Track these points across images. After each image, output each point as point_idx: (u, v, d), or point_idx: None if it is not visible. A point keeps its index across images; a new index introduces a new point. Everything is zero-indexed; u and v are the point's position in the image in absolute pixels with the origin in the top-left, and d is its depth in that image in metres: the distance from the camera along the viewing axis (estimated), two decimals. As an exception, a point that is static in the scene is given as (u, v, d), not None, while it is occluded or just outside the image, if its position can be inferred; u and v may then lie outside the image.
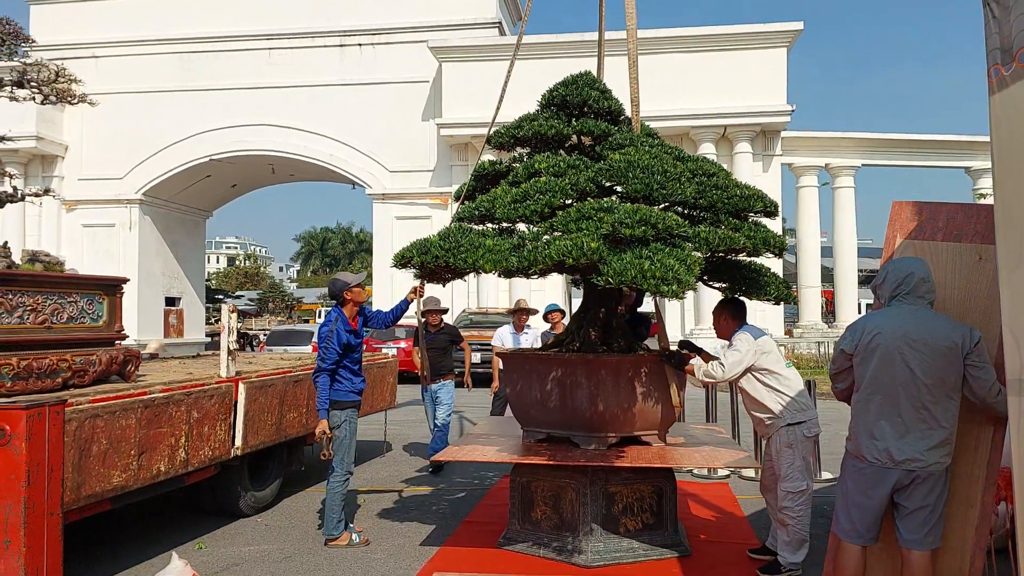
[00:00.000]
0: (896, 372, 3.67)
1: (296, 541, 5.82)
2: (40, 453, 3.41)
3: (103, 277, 5.56)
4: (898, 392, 3.68)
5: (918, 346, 3.63)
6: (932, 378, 3.63)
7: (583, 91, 5.51)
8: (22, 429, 3.34)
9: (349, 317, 5.80)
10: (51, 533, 3.38)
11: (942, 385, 3.64)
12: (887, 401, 3.70)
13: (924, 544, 3.67)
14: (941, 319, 3.75)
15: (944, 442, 3.65)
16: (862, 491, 3.78)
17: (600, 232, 4.25)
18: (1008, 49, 2.77)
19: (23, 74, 4.96)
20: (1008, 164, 2.82)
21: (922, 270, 3.79)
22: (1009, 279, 2.83)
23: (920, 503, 3.67)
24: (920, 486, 3.66)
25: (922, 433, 3.63)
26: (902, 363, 3.66)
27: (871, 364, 3.75)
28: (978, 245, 4.02)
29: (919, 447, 3.63)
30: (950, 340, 3.63)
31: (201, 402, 5.41)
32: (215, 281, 67.74)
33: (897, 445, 3.66)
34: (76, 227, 26.78)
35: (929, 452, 3.62)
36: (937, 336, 3.64)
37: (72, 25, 26.95)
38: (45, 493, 3.39)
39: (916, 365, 3.64)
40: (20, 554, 3.18)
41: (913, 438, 3.64)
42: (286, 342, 20.24)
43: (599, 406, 5.25)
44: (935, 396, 3.63)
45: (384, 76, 25.23)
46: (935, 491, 3.66)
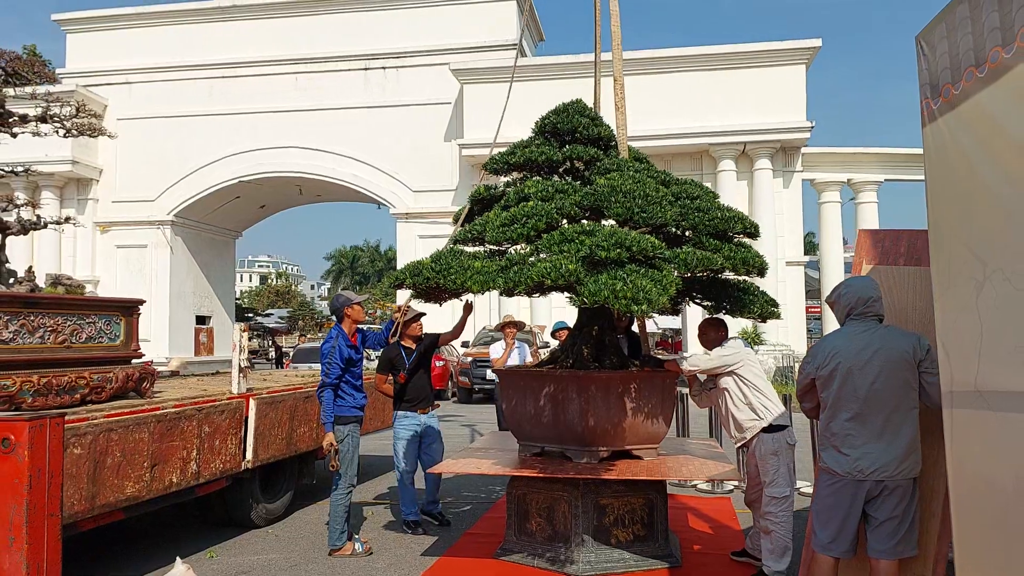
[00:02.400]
0: (857, 387, 3.85)
1: (303, 551, 6.07)
2: (41, 460, 3.74)
3: (121, 299, 5.90)
4: (861, 406, 3.85)
5: (875, 360, 3.83)
6: (891, 389, 3.81)
7: (573, 119, 5.75)
8: (25, 438, 3.66)
9: (349, 333, 6.06)
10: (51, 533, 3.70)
11: (901, 394, 3.81)
12: (852, 416, 3.87)
13: (894, 553, 3.82)
14: (893, 331, 3.96)
15: (910, 450, 3.80)
16: (837, 505, 3.91)
17: (579, 254, 4.47)
18: (935, 85, 2.98)
19: (46, 110, 5.33)
20: (938, 191, 3.01)
21: (872, 289, 4.00)
22: (941, 297, 3.02)
23: (890, 514, 3.82)
24: (890, 497, 3.81)
25: (888, 443, 3.79)
26: (861, 378, 3.84)
27: (834, 383, 3.94)
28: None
29: (886, 457, 3.79)
30: (902, 350, 3.83)
31: (212, 417, 5.71)
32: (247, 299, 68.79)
33: (866, 458, 3.82)
34: (110, 248, 27.57)
35: (897, 461, 3.78)
36: (891, 348, 3.84)
37: (106, 52, 27.87)
38: (46, 496, 3.71)
39: (875, 378, 3.82)
40: (23, 551, 3.50)
41: (880, 449, 3.80)
42: (311, 359, 20.59)
43: (590, 421, 5.45)
44: (896, 406, 3.81)
45: (407, 98, 25.76)
46: (904, 502, 3.81)
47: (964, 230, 2.86)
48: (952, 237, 2.94)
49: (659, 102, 22.35)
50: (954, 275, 2.94)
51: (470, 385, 18.96)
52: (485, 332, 20.55)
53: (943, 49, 2.90)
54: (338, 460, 5.87)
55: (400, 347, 6.70)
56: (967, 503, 2.95)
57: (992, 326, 2.69)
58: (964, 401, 2.87)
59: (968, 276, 2.82)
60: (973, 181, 2.78)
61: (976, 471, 2.87)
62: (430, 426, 6.90)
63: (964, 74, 2.77)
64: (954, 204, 2.92)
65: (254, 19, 27.16)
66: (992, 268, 2.68)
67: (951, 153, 2.90)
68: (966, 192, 2.84)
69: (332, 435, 5.84)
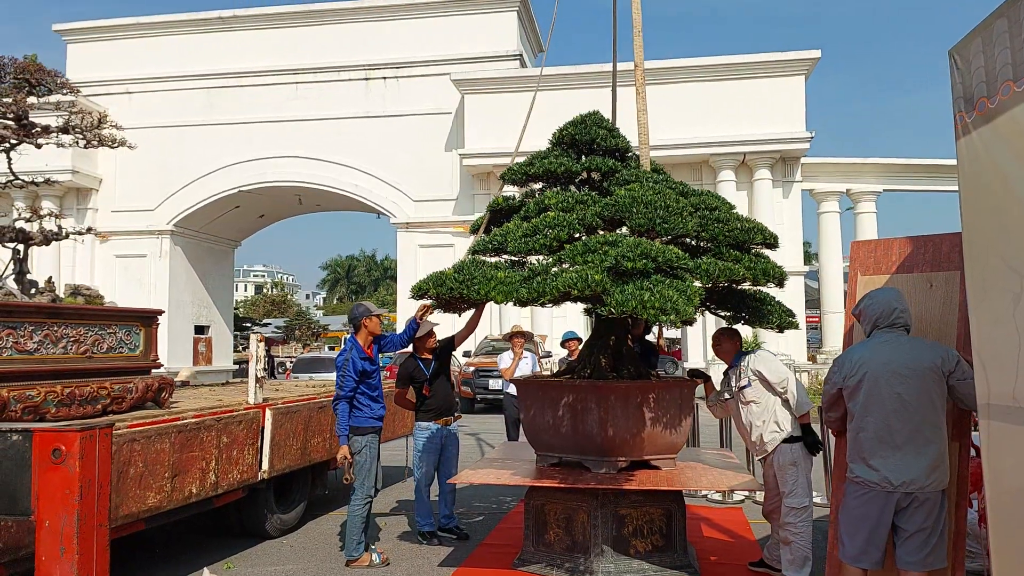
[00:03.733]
0: (885, 399, 3.87)
1: (320, 561, 6.07)
2: (91, 471, 3.74)
3: (140, 310, 5.91)
4: (889, 418, 3.86)
5: (902, 371, 3.84)
6: (919, 400, 3.82)
7: (591, 130, 5.79)
8: (76, 449, 3.67)
9: (364, 345, 6.03)
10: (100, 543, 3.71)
11: (930, 406, 3.83)
12: (880, 428, 3.88)
13: (923, 565, 3.80)
14: (920, 343, 3.99)
15: (938, 461, 3.81)
16: (864, 516, 3.91)
17: (604, 265, 4.50)
18: (969, 98, 3.01)
19: (68, 120, 5.35)
20: (973, 203, 3.05)
21: (896, 300, 4.04)
22: (976, 309, 3.05)
23: (919, 526, 3.80)
24: (919, 509, 3.80)
25: (916, 455, 3.80)
26: (889, 390, 3.86)
27: (860, 394, 3.95)
28: (928, 274, 4.28)
29: (915, 469, 3.79)
30: (931, 362, 3.84)
31: (230, 428, 5.71)
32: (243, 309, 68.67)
33: (894, 469, 3.82)
34: (109, 258, 27.51)
35: (925, 473, 3.78)
36: (919, 360, 3.86)
37: (106, 62, 27.89)
38: (95, 507, 3.72)
39: (903, 390, 3.83)
40: (73, 561, 3.50)
41: (908, 461, 3.80)
42: (312, 370, 20.58)
43: (609, 431, 5.47)
44: (924, 417, 3.82)
45: (408, 108, 25.82)
46: (933, 514, 3.80)
47: (999, 242, 2.89)
48: (987, 249, 2.97)
49: (659, 112, 22.33)
50: (989, 287, 2.97)
51: (472, 395, 18.95)
52: (487, 342, 20.56)
53: (979, 63, 2.94)
54: (353, 472, 5.85)
55: (418, 360, 6.70)
56: (1004, 516, 2.97)
57: (1030, 337, 2.72)
58: (1002, 414, 2.89)
59: (1004, 288, 2.85)
60: (1008, 194, 2.82)
61: (1013, 484, 2.89)
62: (451, 437, 6.85)
63: (1001, 88, 2.80)
64: (988, 216, 2.95)
65: (254, 29, 27.22)
66: (1030, 280, 2.72)
67: (985, 166, 2.94)
68: (1000, 205, 2.87)
69: (347, 448, 5.82)
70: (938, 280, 4.15)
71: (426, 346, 6.69)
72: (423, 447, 6.68)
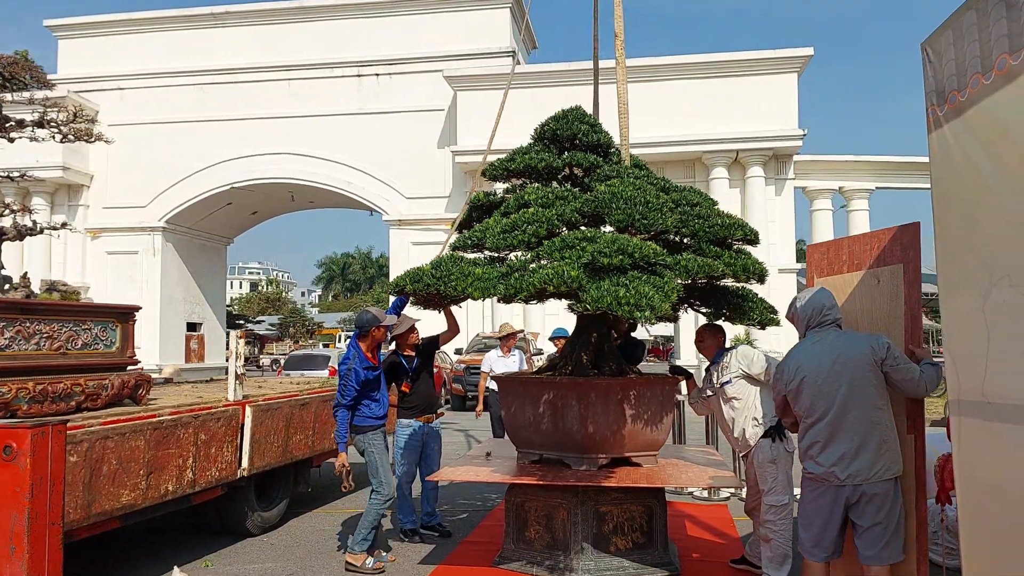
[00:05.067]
0: (824, 396, 3.91)
1: (300, 559, 6.02)
2: (43, 468, 3.69)
3: (117, 305, 5.85)
4: (830, 414, 3.90)
5: (836, 367, 3.89)
6: (856, 393, 3.85)
7: (573, 125, 5.75)
8: (27, 446, 3.62)
9: (366, 350, 5.89)
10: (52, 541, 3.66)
11: (867, 397, 3.85)
12: (823, 425, 3.92)
13: (881, 560, 3.83)
14: (849, 336, 4.04)
15: (882, 451, 3.81)
16: (817, 510, 3.98)
17: (581, 261, 4.46)
18: (941, 92, 2.98)
19: (43, 115, 5.29)
20: (944, 198, 3.02)
21: (824, 298, 4.11)
22: (947, 305, 3.02)
23: (872, 520, 3.83)
24: (870, 504, 3.82)
25: (859, 447, 3.82)
26: (826, 387, 3.90)
27: (802, 396, 4.01)
28: (875, 270, 4.31)
29: (859, 461, 3.81)
30: (860, 353, 3.87)
31: (208, 424, 5.66)
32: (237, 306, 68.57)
33: (840, 463, 3.85)
34: (100, 255, 27.43)
35: (869, 464, 3.80)
36: (849, 353, 3.90)
37: (98, 58, 27.79)
38: (47, 505, 3.67)
39: (840, 385, 3.87)
40: (24, 560, 3.45)
41: (852, 454, 3.83)
42: (304, 367, 20.48)
43: (590, 428, 5.43)
44: (864, 409, 3.84)
45: (400, 105, 25.78)
46: (884, 508, 3.82)
47: (970, 237, 2.86)
48: (958, 244, 2.94)
49: (652, 109, 22.42)
50: (960, 283, 2.94)
51: (464, 392, 18.91)
52: (479, 339, 20.51)
53: (950, 56, 2.91)
54: (351, 481, 5.71)
55: (400, 356, 6.64)
56: (975, 512, 2.95)
57: (999, 333, 2.69)
58: (972, 410, 2.86)
59: (974, 283, 2.82)
60: (979, 187, 2.79)
61: (984, 479, 2.86)
62: (433, 434, 6.81)
63: (970, 81, 2.77)
64: (960, 210, 2.92)
65: (247, 25, 27.14)
66: (999, 275, 2.69)
67: (957, 159, 2.91)
68: (972, 198, 2.84)
69: (344, 456, 5.66)
70: (884, 275, 4.20)
71: (408, 342, 6.63)
72: (405, 444, 6.62)
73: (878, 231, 4.38)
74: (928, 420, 14.55)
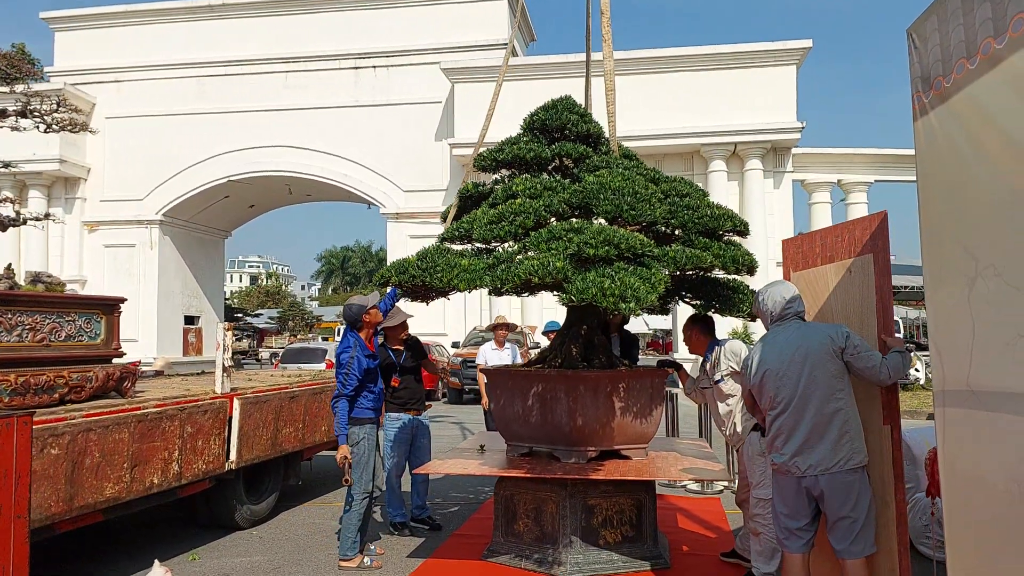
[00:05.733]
0: (785, 387, 3.89)
1: (287, 553, 5.99)
2: (7, 462, 3.64)
3: (101, 297, 5.80)
4: (790, 405, 3.88)
5: (796, 358, 3.86)
6: (816, 383, 3.81)
7: (562, 115, 5.69)
8: (-9, 438, 3.57)
9: (366, 340, 5.76)
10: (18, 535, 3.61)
11: (827, 387, 3.81)
12: (784, 416, 3.90)
13: (852, 553, 3.78)
14: (811, 327, 4.00)
15: (842, 440, 3.76)
16: (783, 501, 4.00)
17: (567, 252, 4.41)
18: (926, 78, 2.92)
19: (26, 104, 5.23)
20: (930, 187, 2.96)
21: (786, 290, 4.10)
22: (933, 297, 2.97)
23: (839, 513, 3.78)
24: (834, 496, 3.77)
25: (820, 437, 3.79)
26: (788, 378, 3.87)
27: (766, 388, 3.99)
28: (846, 260, 4.28)
29: (820, 452, 3.78)
30: (819, 343, 3.84)
31: (195, 417, 5.62)
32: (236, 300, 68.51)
33: (800, 454, 3.83)
34: (98, 247, 27.38)
35: (831, 454, 3.75)
36: (810, 343, 3.86)
37: (95, 50, 27.69)
38: (12, 499, 3.62)
39: (800, 375, 3.84)
40: (-12, 553, 3.42)
41: (812, 444, 3.80)
42: (301, 359, 20.43)
43: (579, 420, 5.39)
44: (824, 399, 3.80)
45: (398, 97, 25.69)
46: (851, 501, 3.75)
47: (955, 226, 2.81)
48: (943, 233, 2.89)
49: (650, 102, 22.34)
50: (945, 273, 2.89)
51: (460, 386, 18.89)
52: (476, 332, 20.47)
53: (935, 41, 2.85)
54: (351, 474, 5.58)
55: (388, 350, 6.58)
56: (959, 502, 2.91)
57: (984, 323, 2.64)
58: (956, 400, 2.82)
59: (959, 273, 2.77)
60: (964, 175, 2.73)
61: (967, 470, 2.82)
62: (422, 427, 6.75)
63: (955, 66, 2.72)
64: (945, 199, 2.87)
65: (244, 17, 27.02)
66: (984, 264, 2.64)
67: (942, 147, 2.86)
68: (957, 186, 2.79)
69: (346, 447, 5.51)
70: (855, 266, 4.18)
71: (397, 335, 6.58)
72: (394, 437, 6.58)
73: (849, 222, 4.38)
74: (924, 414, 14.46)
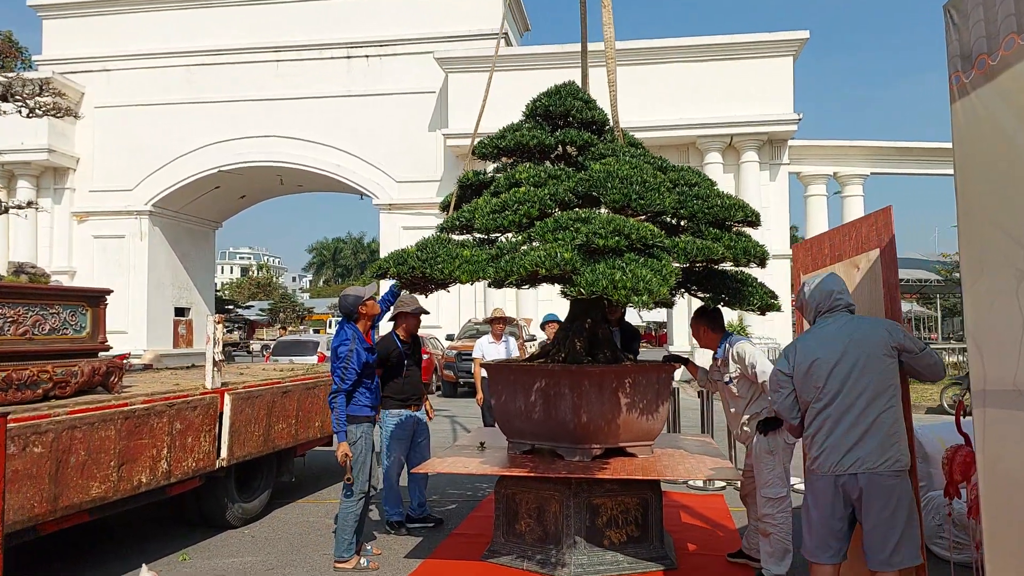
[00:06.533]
0: (835, 382, 3.65)
1: (281, 554, 5.79)
2: None
3: (86, 288, 5.59)
4: (839, 399, 3.64)
5: (850, 350, 3.64)
6: (869, 378, 3.60)
7: (566, 101, 5.48)
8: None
9: (364, 332, 5.57)
10: None
11: (880, 382, 3.60)
12: (832, 411, 3.66)
13: (891, 564, 3.51)
14: (863, 321, 3.81)
15: (892, 440, 3.56)
16: (817, 504, 3.72)
17: (575, 242, 4.22)
18: (967, 56, 2.74)
19: (8, 87, 5.00)
20: (970, 172, 2.78)
21: (833, 283, 3.88)
22: (972, 289, 2.79)
23: (878, 518, 3.54)
24: (875, 498, 3.54)
25: (868, 433, 3.57)
26: (839, 371, 3.65)
27: (812, 379, 3.73)
28: (854, 258, 4.20)
29: (866, 448, 3.56)
30: (878, 337, 3.65)
31: (184, 413, 5.41)
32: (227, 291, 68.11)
33: (846, 452, 3.59)
34: (87, 238, 27.01)
35: (878, 451, 3.54)
36: (864, 336, 3.66)
37: (83, 39, 27.24)
38: None
39: (851, 369, 3.62)
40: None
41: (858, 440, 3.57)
42: (292, 352, 20.22)
43: (583, 417, 5.21)
44: (876, 395, 3.59)
45: (391, 87, 25.37)
46: (890, 505, 3.52)
47: (1001, 213, 2.63)
48: (986, 221, 2.71)
49: (646, 93, 22.12)
50: (987, 263, 2.71)
51: (455, 379, 18.71)
52: (471, 325, 20.28)
53: (977, 16, 2.67)
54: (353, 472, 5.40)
55: (396, 340, 6.37)
56: (999, 504, 2.74)
57: (1033, 318, 2.47)
58: (1000, 400, 2.64)
59: (1005, 263, 2.59)
60: (1012, 158, 2.55)
61: (1012, 472, 2.65)
62: (421, 423, 6.57)
63: (1004, 42, 2.53)
64: (989, 185, 2.69)
65: (234, 5, 26.62)
66: (1033, 255, 2.46)
67: (985, 129, 2.67)
68: (1003, 171, 2.61)
69: (346, 444, 5.31)
70: (862, 262, 4.09)
71: (410, 326, 6.37)
72: (392, 434, 6.38)
73: (855, 220, 4.30)
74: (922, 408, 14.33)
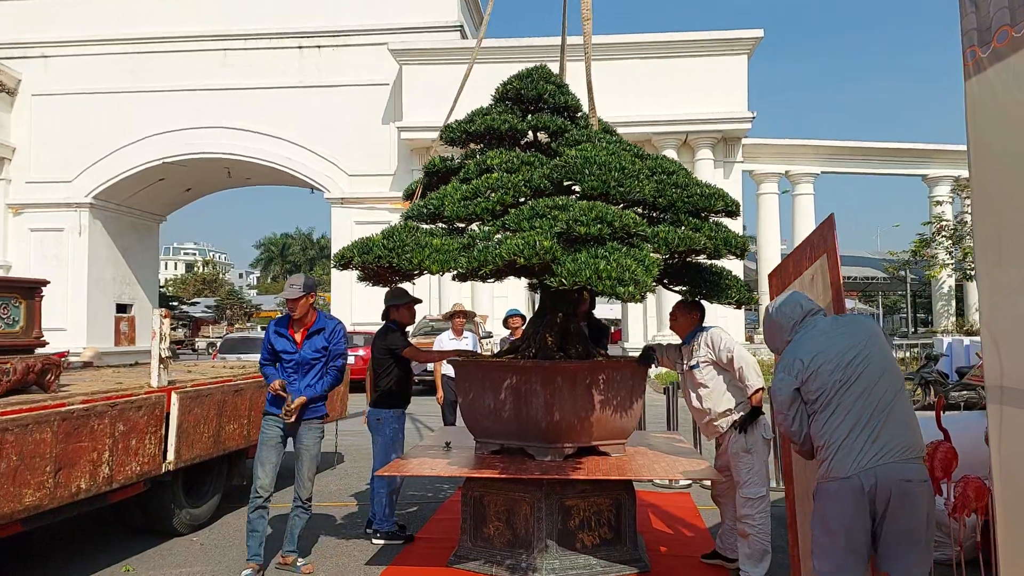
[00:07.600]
0: (846, 379, 3.30)
1: (231, 562, 5.44)
2: None
3: (20, 279, 5.17)
4: (855, 397, 3.28)
5: (857, 346, 3.32)
6: (880, 370, 3.30)
7: (539, 85, 5.25)
8: None
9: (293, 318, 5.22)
10: None
11: (891, 375, 3.32)
12: (848, 410, 3.28)
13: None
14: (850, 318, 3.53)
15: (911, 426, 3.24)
16: (839, 514, 3.25)
17: (554, 231, 3.99)
18: (986, 29, 2.57)
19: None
20: (986, 151, 2.62)
21: (798, 296, 3.65)
22: (987, 275, 2.63)
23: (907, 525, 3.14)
24: (902, 505, 3.14)
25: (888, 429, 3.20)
26: (849, 369, 3.30)
27: (818, 383, 3.37)
28: (808, 268, 4.15)
29: (889, 445, 3.17)
30: (872, 326, 3.45)
31: (127, 414, 5.03)
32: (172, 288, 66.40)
33: (868, 450, 3.19)
34: (23, 232, 25.91)
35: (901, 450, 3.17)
36: (862, 325, 3.44)
37: (19, 23, 26.10)
38: None
39: (862, 365, 3.29)
40: None
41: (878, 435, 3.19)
42: (241, 350, 19.59)
43: (555, 415, 4.99)
44: (898, 389, 3.31)
45: (344, 79, 24.84)
46: (921, 511, 3.14)
47: (1020, 194, 2.47)
48: (1004, 204, 2.55)
49: (601, 89, 21.96)
50: (1005, 248, 2.55)
51: (411, 377, 18.31)
52: (426, 322, 19.92)
53: (999, -14, 2.50)
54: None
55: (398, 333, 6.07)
56: (1018, 506, 2.58)
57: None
58: (1018, 398, 2.48)
59: (1026, 249, 2.43)
60: (1035, 138, 2.39)
61: (1030, 475, 2.49)
62: None
63: (1030, 12, 2.36)
64: (1007, 165, 2.53)
65: (181, -8, 25.79)
66: (1058, 240, 2.30)
67: (1005, 106, 2.51)
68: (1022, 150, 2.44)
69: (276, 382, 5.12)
70: (814, 269, 4.02)
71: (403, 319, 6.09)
72: (392, 437, 6.03)
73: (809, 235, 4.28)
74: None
